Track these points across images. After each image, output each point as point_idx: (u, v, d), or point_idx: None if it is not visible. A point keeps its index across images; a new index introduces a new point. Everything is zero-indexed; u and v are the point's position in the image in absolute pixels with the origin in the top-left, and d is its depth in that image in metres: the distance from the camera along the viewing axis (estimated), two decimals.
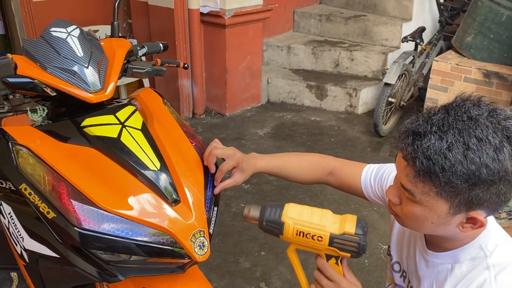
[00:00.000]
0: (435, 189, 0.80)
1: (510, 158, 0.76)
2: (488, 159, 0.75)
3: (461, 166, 0.76)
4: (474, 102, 0.81)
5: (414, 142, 0.80)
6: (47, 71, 1.13)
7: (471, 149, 0.75)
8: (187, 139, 1.25)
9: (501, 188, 0.78)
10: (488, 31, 2.99)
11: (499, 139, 0.76)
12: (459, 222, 0.84)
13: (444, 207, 0.82)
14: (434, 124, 0.79)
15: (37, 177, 1.05)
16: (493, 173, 0.76)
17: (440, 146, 0.77)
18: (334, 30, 4.80)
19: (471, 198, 0.79)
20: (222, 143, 1.22)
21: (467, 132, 0.76)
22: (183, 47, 3.78)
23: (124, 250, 1.04)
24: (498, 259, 0.87)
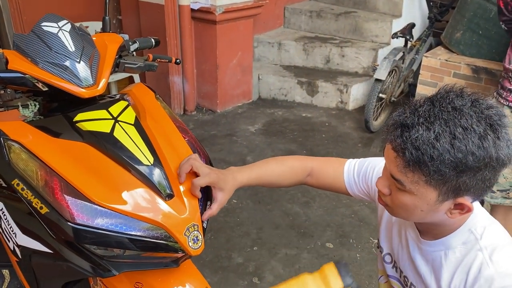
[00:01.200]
0: (424, 178, 0.83)
1: (494, 145, 0.80)
2: (474, 146, 0.79)
3: (449, 154, 0.79)
4: (457, 93, 0.84)
5: (402, 133, 0.83)
6: (38, 66, 1.13)
7: (457, 138, 0.79)
8: (180, 134, 1.25)
9: (486, 174, 0.82)
10: (477, 27, 3.02)
11: (483, 127, 0.80)
12: (447, 209, 0.88)
13: (433, 195, 0.85)
14: (421, 115, 0.82)
15: (30, 173, 1.05)
16: (479, 160, 0.79)
17: (428, 136, 0.80)
18: (324, 27, 4.81)
19: (459, 184, 0.82)
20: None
21: (453, 122, 0.80)
22: (174, 43, 3.76)
23: (118, 245, 1.04)
24: (488, 241, 0.91)
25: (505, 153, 0.81)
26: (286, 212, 2.75)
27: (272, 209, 2.77)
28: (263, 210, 2.76)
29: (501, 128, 0.81)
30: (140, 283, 1.17)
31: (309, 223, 2.65)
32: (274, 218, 2.69)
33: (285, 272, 2.26)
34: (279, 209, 2.77)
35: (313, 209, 2.77)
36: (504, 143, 0.81)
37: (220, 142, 3.57)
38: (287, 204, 2.81)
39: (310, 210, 2.75)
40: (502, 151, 0.81)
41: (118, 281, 1.19)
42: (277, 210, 2.76)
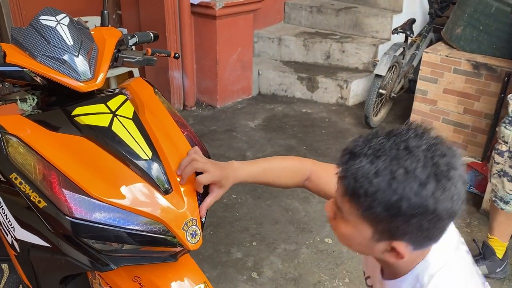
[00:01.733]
0: (359, 212, 0.79)
1: (432, 195, 0.74)
2: (411, 192, 0.73)
3: (383, 194, 0.74)
4: (418, 133, 0.78)
5: (348, 161, 0.79)
6: (36, 59, 1.12)
7: (396, 179, 0.74)
8: (179, 129, 1.25)
9: (423, 224, 0.76)
10: (478, 22, 3.01)
11: (427, 174, 0.74)
12: (383, 249, 0.83)
13: (368, 231, 0.81)
14: (371, 147, 0.78)
15: (28, 166, 1.04)
16: (413, 207, 0.74)
17: (369, 170, 0.76)
18: (325, 22, 4.80)
19: (393, 228, 0.78)
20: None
21: (398, 161, 0.75)
22: (174, 38, 3.76)
23: (116, 239, 1.04)
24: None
25: (445, 207, 0.75)
26: (285, 207, 2.75)
27: (271, 205, 2.77)
28: (262, 205, 2.77)
29: (446, 180, 0.74)
30: (139, 277, 1.17)
31: (308, 218, 2.65)
32: (273, 213, 2.69)
33: (284, 267, 2.26)
34: (278, 204, 2.77)
35: (313, 204, 2.77)
36: (447, 197, 0.74)
37: (220, 137, 3.56)
38: (286, 199, 2.81)
39: (309, 206, 2.76)
40: (442, 204, 0.74)
41: (116, 276, 1.20)
42: (276, 206, 2.76)
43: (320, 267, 2.27)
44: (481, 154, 3.03)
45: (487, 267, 2.19)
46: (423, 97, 3.24)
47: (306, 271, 2.25)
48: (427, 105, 3.24)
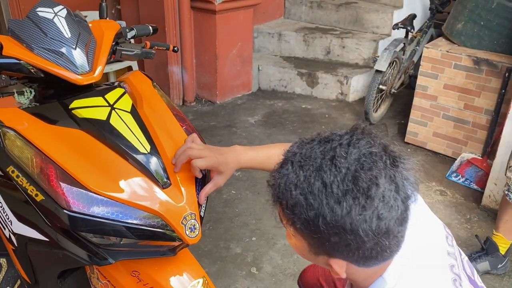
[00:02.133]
0: (288, 222, 0.74)
1: (348, 214, 0.66)
2: (326, 209, 0.67)
3: (301, 208, 0.69)
4: (352, 139, 0.71)
5: (278, 168, 0.74)
6: (33, 52, 1.11)
7: (313, 193, 0.67)
8: (177, 122, 1.24)
9: (350, 243, 0.69)
10: (479, 18, 2.99)
11: (343, 191, 0.66)
12: (325, 263, 0.77)
13: (304, 244, 0.76)
14: (301, 154, 0.72)
15: (25, 160, 1.03)
16: (329, 225, 0.67)
17: (290, 181, 0.70)
18: (325, 17, 4.78)
19: (321, 244, 0.72)
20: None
21: (319, 173, 0.68)
22: (173, 33, 3.74)
23: (114, 233, 1.03)
24: None
25: (366, 228, 0.67)
26: None
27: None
28: (262, 200, 2.76)
29: (364, 199, 0.66)
30: (137, 271, 1.17)
31: None
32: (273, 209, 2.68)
33: (283, 262, 2.26)
34: None
35: None
36: (366, 217, 0.66)
37: (220, 133, 3.55)
38: None
39: None
40: (363, 224, 0.66)
41: (114, 270, 1.19)
42: None
43: None
44: (481, 150, 3.02)
45: (490, 263, 2.19)
46: (424, 92, 3.23)
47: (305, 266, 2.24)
48: (428, 100, 3.23)
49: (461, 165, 3.01)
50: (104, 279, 1.23)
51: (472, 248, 2.38)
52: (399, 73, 3.78)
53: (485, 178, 2.74)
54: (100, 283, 1.25)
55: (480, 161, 2.94)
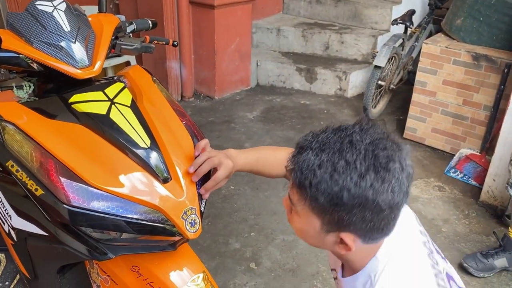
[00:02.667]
0: (306, 203, 0.83)
1: (371, 187, 0.77)
2: (351, 183, 0.77)
3: (326, 185, 0.78)
4: (363, 128, 0.82)
5: (296, 154, 0.84)
6: (33, 45, 1.10)
7: (337, 170, 0.77)
8: (177, 117, 1.23)
9: (366, 215, 0.79)
10: (478, 13, 2.99)
11: (366, 166, 0.77)
12: (333, 241, 0.86)
13: (317, 223, 0.84)
14: (318, 141, 0.82)
15: (24, 154, 1.03)
16: (353, 198, 0.77)
17: (313, 162, 0.79)
18: (324, 13, 4.77)
19: (338, 219, 0.81)
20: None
21: (340, 154, 0.78)
22: (172, 28, 3.72)
23: (114, 228, 1.03)
24: (381, 285, 0.87)
25: (384, 198, 0.78)
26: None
27: (270, 196, 2.77)
28: (261, 196, 2.76)
29: (385, 172, 0.77)
30: (137, 266, 1.16)
31: None
32: (272, 204, 2.69)
33: (282, 258, 2.26)
34: (277, 195, 2.76)
35: None
36: (386, 188, 0.77)
37: (218, 128, 3.55)
38: (284, 191, 2.79)
39: None
40: (382, 195, 0.77)
41: (114, 265, 1.19)
42: (274, 197, 2.76)
43: (318, 257, 2.27)
44: (480, 146, 3.03)
45: (507, 259, 2.18)
46: (422, 88, 3.23)
47: (304, 261, 2.25)
48: (426, 96, 3.23)
49: (460, 161, 3.02)
50: (104, 274, 1.23)
51: (471, 244, 2.39)
52: (398, 69, 3.78)
53: (484, 174, 2.75)
54: (100, 278, 1.25)
55: (479, 157, 2.94)
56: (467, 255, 2.25)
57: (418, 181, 2.93)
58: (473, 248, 2.35)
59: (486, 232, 2.48)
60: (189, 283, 1.15)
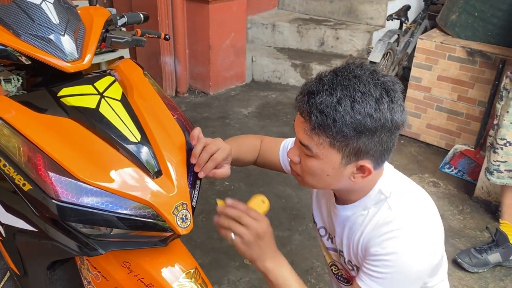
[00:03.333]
0: (328, 140, 0.90)
1: (388, 107, 0.88)
2: (371, 109, 0.86)
3: (349, 116, 0.86)
4: (358, 65, 0.92)
5: (309, 100, 0.89)
6: (20, 38, 1.08)
7: (356, 101, 0.86)
8: (169, 111, 1.22)
9: (383, 137, 0.89)
10: (473, 9, 2.98)
11: (379, 91, 0.88)
12: (350, 173, 0.95)
13: (337, 158, 0.92)
14: (325, 83, 0.89)
15: (12, 149, 1.01)
16: (376, 121, 0.87)
17: (331, 100, 0.87)
18: (319, 8, 4.75)
19: (359, 146, 0.90)
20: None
21: (353, 87, 0.87)
22: (166, 23, 3.70)
23: (104, 223, 1.02)
24: (395, 198, 1.00)
25: (399, 116, 0.89)
26: (278, 194, 2.73)
27: (264, 192, 2.73)
28: (255, 192, 2.74)
29: (394, 93, 0.89)
30: (128, 262, 1.15)
31: (301, 205, 2.64)
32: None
33: None
34: (271, 191, 2.76)
35: (305, 191, 2.75)
36: (398, 107, 0.89)
37: (213, 124, 3.53)
38: (279, 186, 2.79)
39: (302, 192, 2.74)
40: (396, 114, 0.89)
41: (105, 261, 1.17)
42: (269, 193, 2.75)
43: (313, 253, 2.26)
44: (474, 141, 3.03)
45: (501, 254, 2.18)
46: (417, 84, 3.22)
47: (298, 257, 2.24)
48: (421, 92, 3.22)
49: (454, 157, 3.02)
50: (95, 270, 1.21)
51: (465, 239, 2.39)
52: (393, 65, 3.77)
53: (478, 170, 2.75)
54: (90, 274, 1.24)
55: (473, 152, 2.94)
56: (461, 250, 2.25)
57: (412, 176, 2.93)
58: (467, 244, 2.35)
59: (480, 228, 2.48)
60: (180, 279, 1.14)
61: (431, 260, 0.99)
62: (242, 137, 1.32)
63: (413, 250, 0.94)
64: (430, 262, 0.99)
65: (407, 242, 0.94)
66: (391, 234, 0.95)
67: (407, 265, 0.94)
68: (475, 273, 2.17)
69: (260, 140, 1.32)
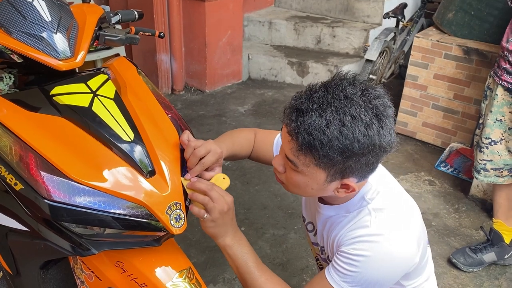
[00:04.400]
0: (314, 161, 0.89)
1: (377, 133, 0.86)
2: (360, 134, 0.85)
3: (337, 141, 0.85)
4: (350, 81, 0.90)
5: (297, 118, 0.87)
6: (12, 36, 1.07)
7: (346, 126, 0.85)
8: (163, 110, 1.21)
9: (369, 159, 0.89)
10: (469, 7, 2.98)
11: (370, 116, 0.86)
12: (334, 188, 0.97)
13: (322, 176, 0.93)
14: (315, 102, 0.86)
15: (3, 148, 1.00)
16: (363, 147, 0.86)
17: (319, 123, 0.85)
18: (316, 6, 4.74)
19: (345, 168, 0.90)
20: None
21: (343, 110, 0.85)
22: (162, 20, 3.68)
23: (98, 223, 1.01)
24: (377, 205, 1.02)
25: (387, 140, 0.89)
26: (274, 193, 2.73)
27: (260, 190, 2.75)
28: (251, 190, 2.74)
29: (385, 118, 0.88)
30: (121, 262, 1.14)
31: (297, 203, 2.64)
32: (262, 198, 2.67)
33: (272, 252, 2.25)
34: (267, 190, 2.75)
35: None
36: (387, 131, 0.88)
37: (209, 122, 3.52)
38: (275, 185, 2.79)
39: None
40: (385, 139, 0.88)
41: (98, 261, 1.16)
42: (265, 191, 2.74)
43: (308, 252, 2.26)
44: (470, 140, 3.03)
45: (496, 254, 2.18)
46: (414, 82, 3.22)
47: (294, 256, 2.24)
48: (418, 90, 3.22)
49: (450, 155, 3.02)
50: (88, 269, 1.20)
51: (460, 238, 2.39)
52: (389, 63, 3.77)
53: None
54: (83, 274, 1.23)
55: (469, 151, 2.95)
56: (456, 250, 2.26)
57: (408, 175, 2.93)
58: (462, 242, 2.36)
59: (476, 226, 2.48)
60: (174, 278, 1.13)
61: (399, 271, 1.01)
62: (236, 131, 1.31)
63: (382, 258, 0.97)
64: (398, 272, 1.02)
65: (379, 249, 0.96)
66: (365, 238, 0.98)
67: (372, 270, 0.97)
68: (470, 272, 2.18)
69: (254, 133, 1.31)
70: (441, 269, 2.18)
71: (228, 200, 1.05)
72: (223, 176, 1.11)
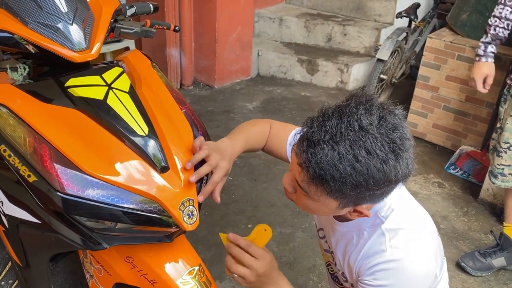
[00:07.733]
0: (326, 193, 0.85)
1: (394, 168, 0.81)
2: (375, 170, 0.80)
3: (351, 177, 0.80)
4: (366, 108, 0.82)
5: (308, 149, 0.82)
6: (28, 26, 1.06)
7: (360, 161, 0.79)
8: (177, 105, 1.20)
9: (384, 191, 0.86)
10: (484, 9, 2.94)
11: (385, 152, 0.80)
12: (347, 212, 0.93)
13: (334, 204, 0.88)
14: (327, 132, 0.80)
15: (17, 139, 0.99)
16: (378, 183, 0.81)
17: (332, 157, 0.79)
18: (327, 4, 4.70)
19: (359, 199, 0.86)
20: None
21: (358, 144, 0.79)
22: (172, 14, 3.66)
23: (109, 217, 1.00)
24: (391, 225, 0.98)
25: (403, 173, 0.83)
26: (282, 190, 2.70)
27: (268, 187, 2.74)
28: (259, 188, 2.73)
29: (402, 153, 0.81)
30: (131, 257, 1.13)
31: None
32: (269, 196, 2.66)
33: (279, 250, 2.24)
34: (275, 187, 2.74)
35: None
36: (404, 165, 0.82)
37: (217, 118, 3.51)
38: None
39: None
40: (401, 172, 0.82)
41: (108, 255, 1.16)
42: (272, 189, 2.73)
43: (315, 251, 2.24)
44: (481, 143, 3.00)
45: (505, 259, 2.15)
46: (425, 83, 3.19)
47: (301, 254, 2.23)
48: (429, 91, 3.19)
49: (460, 158, 2.99)
50: (97, 264, 1.20)
51: (469, 241, 2.37)
52: (400, 63, 3.74)
53: (484, 172, 2.72)
54: (93, 268, 1.22)
55: (479, 154, 2.92)
56: (465, 254, 2.23)
57: (417, 177, 2.90)
58: (471, 246, 2.33)
59: (485, 230, 2.46)
60: (184, 276, 1.12)
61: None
62: (251, 124, 1.26)
63: (404, 284, 0.95)
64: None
65: (400, 275, 0.94)
66: (384, 266, 0.96)
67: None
68: (478, 276, 2.15)
69: (269, 125, 1.26)
70: (449, 273, 2.15)
71: (264, 264, 0.99)
72: (264, 227, 1.08)
